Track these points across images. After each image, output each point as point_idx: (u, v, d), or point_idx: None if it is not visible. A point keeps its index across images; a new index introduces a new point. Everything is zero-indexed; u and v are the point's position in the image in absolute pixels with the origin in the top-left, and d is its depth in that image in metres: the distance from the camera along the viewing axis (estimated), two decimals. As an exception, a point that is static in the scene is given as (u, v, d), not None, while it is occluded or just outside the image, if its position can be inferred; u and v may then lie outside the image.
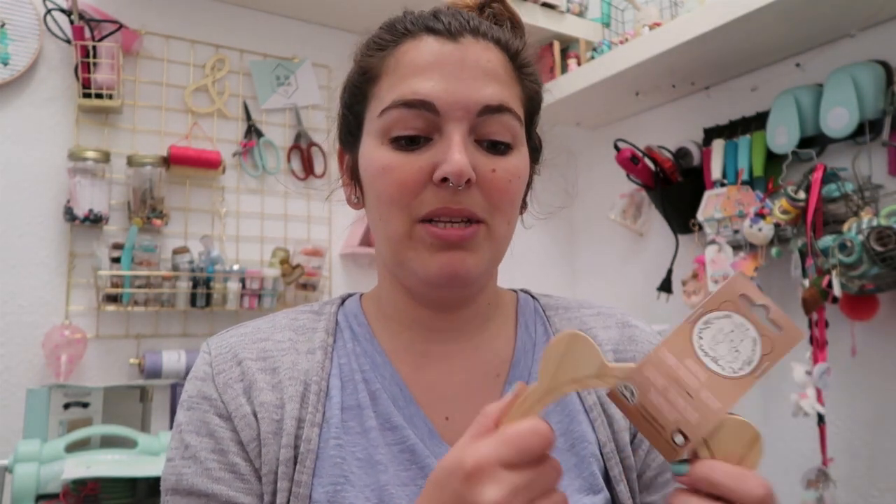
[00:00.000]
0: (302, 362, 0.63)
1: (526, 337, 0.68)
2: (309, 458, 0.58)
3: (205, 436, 0.61)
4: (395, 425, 0.60)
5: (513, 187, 0.61)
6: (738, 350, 0.43)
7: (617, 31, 1.96)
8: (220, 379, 0.62)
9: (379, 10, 0.65)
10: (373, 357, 0.64)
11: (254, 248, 1.83)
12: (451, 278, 0.59)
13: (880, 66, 1.40)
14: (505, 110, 0.60)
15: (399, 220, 0.59)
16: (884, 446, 1.42)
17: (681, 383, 0.42)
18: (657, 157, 1.81)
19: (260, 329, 0.66)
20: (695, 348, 0.43)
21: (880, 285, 1.31)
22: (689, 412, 0.42)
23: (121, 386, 1.56)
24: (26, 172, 1.57)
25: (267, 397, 0.61)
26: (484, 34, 0.62)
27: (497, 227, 0.60)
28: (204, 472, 0.59)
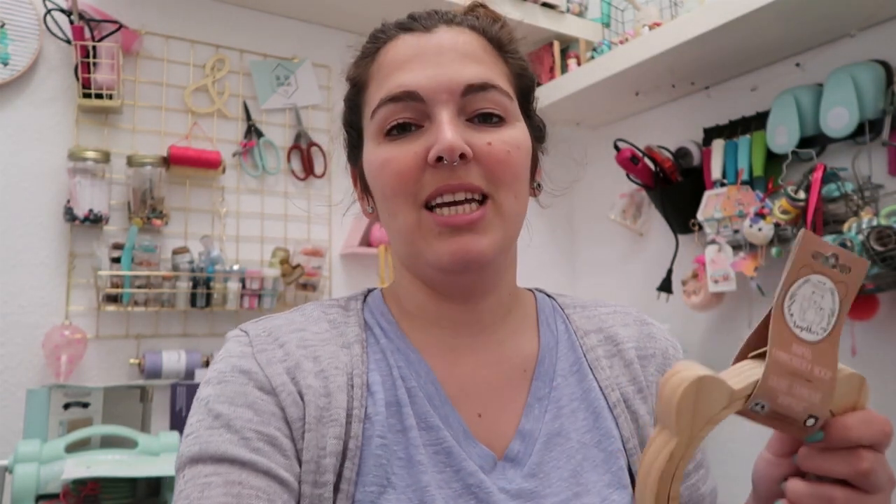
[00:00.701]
0: (341, 355, 0.60)
1: (549, 334, 0.68)
2: (357, 454, 0.56)
3: (241, 406, 0.55)
4: (432, 425, 0.59)
5: (513, 157, 0.60)
6: (822, 307, 0.44)
7: (617, 31, 1.96)
8: (263, 357, 0.58)
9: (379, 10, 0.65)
10: (406, 354, 0.63)
11: (254, 248, 1.83)
12: (465, 262, 0.58)
13: (880, 66, 1.40)
14: (490, 87, 0.60)
15: (405, 211, 0.59)
16: (884, 446, 1.42)
17: (798, 374, 0.43)
18: (657, 157, 1.81)
19: (294, 321, 0.63)
20: (793, 330, 0.44)
21: (880, 285, 1.31)
22: (812, 396, 0.43)
23: (121, 386, 1.56)
24: (26, 172, 1.57)
25: (313, 382, 0.57)
26: (458, 22, 0.63)
27: (504, 201, 0.59)
28: (240, 441, 0.54)
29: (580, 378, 0.65)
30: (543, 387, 0.64)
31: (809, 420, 0.44)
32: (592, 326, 0.69)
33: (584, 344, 0.67)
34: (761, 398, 0.43)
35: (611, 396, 0.64)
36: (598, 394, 0.64)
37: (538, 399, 0.63)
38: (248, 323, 0.64)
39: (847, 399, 0.45)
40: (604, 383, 0.65)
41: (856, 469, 0.44)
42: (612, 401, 0.64)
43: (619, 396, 0.64)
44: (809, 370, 0.43)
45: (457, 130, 0.57)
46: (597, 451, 0.61)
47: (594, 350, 0.67)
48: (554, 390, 0.64)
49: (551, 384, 0.64)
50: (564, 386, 0.64)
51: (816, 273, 0.44)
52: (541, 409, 0.62)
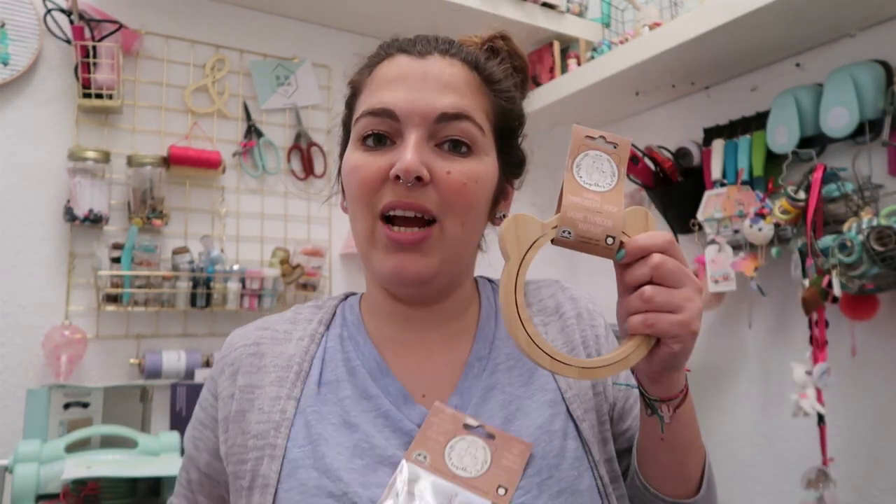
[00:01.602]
0: (290, 349, 0.71)
1: (489, 307, 0.74)
2: (284, 425, 0.65)
3: (202, 408, 0.73)
4: (371, 395, 0.67)
5: (468, 189, 0.64)
6: (604, 171, 0.58)
7: (617, 31, 1.96)
8: (220, 364, 0.73)
9: (379, 10, 0.65)
10: (357, 339, 0.71)
11: (254, 248, 1.83)
12: (402, 279, 0.65)
13: (880, 66, 1.40)
14: (463, 118, 0.64)
15: (363, 218, 0.66)
16: (884, 446, 1.42)
17: (590, 209, 0.57)
18: (657, 157, 1.81)
19: (267, 321, 0.75)
20: (582, 185, 0.58)
21: (880, 285, 1.31)
22: (605, 222, 0.57)
23: (121, 386, 1.56)
24: (26, 172, 1.57)
25: (246, 380, 0.69)
26: (453, 53, 0.68)
27: (449, 227, 0.64)
28: (191, 438, 0.73)
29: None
30: (483, 348, 0.71)
31: (608, 240, 0.57)
32: (526, 301, 0.75)
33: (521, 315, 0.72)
34: (566, 226, 0.57)
35: None
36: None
37: (478, 359, 0.70)
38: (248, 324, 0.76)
39: (637, 226, 0.58)
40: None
41: (651, 266, 0.55)
42: None
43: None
44: (599, 207, 0.57)
45: (419, 154, 0.62)
46: (530, 402, 0.67)
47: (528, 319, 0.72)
48: (493, 350, 0.71)
49: (490, 346, 0.71)
50: (502, 347, 0.71)
51: (591, 149, 0.59)
52: (479, 368, 0.69)
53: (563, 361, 0.57)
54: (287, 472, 0.62)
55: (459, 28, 0.77)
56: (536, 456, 0.63)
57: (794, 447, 1.57)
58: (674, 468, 0.65)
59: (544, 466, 0.63)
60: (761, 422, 1.66)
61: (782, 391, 1.59)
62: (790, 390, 1.43)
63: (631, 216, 0.58)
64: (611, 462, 0.69)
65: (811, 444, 1.45)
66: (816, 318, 1.41)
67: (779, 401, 1.62)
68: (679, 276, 0.56)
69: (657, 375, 0.60)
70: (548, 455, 0.64)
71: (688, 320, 0.55)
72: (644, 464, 0.67)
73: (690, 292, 0.56)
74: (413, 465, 0.61)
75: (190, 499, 0.73)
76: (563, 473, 0.63)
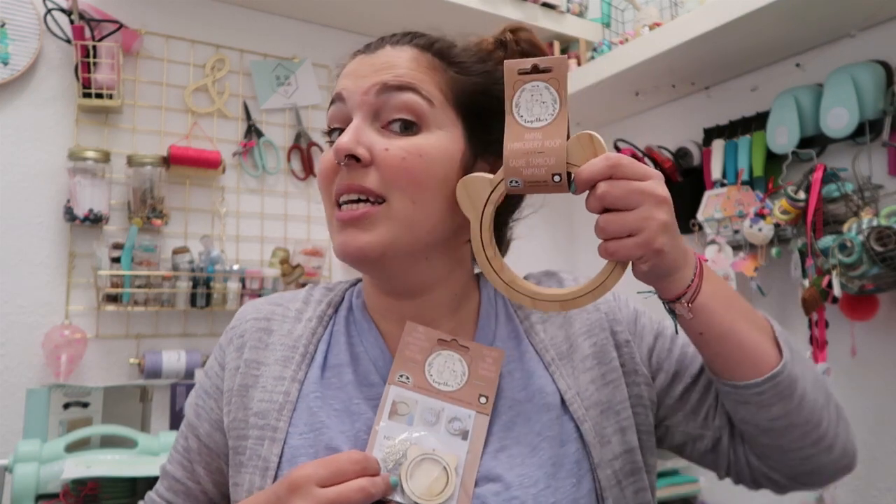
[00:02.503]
0: (297, 329, 0.71)
1: (489, 306, 0.73)
2: (287, 408, 0.65)
3: (207, 376, 0.74)
4: (372, 382, 0.67)
5: (407, 164, 0.62)
6: (545, 101, 0.57)
7: (617, 31, 1.96)
8: (230, 334, 0.74)
9: (379, 10, 0.65)
10: (361, 325, 0.72)
11: (254, 248, 1.83)
12: (347, 254, 0.64)
13: (880, 66, 1.40)
14: (406, 89, 0.63)
15: (327, 206, 0.67)
16: (884, 446, 1.42)
17: (531, 152, 0.56)
18: (657, 157, 1.81)
19: (281, 297, 0.76)
20: (523, 125, 0.57)
21: (880, 285, 1.31)
22: (549, 160, 0.56)
23: (121, 386, 1.56)
24: (26, 172, 1.57)
25: (253, 355, 0.70)
26: (405, 41, 0.68)
27: (397, 204, 0.63)
28: (193, 405, 0.73)
29: (516, 343, 0.71)
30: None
31: (555, 177, 0.56)
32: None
33: (519, 314, 0.73)
34: (511, 176, 0.57)
35: (545, 356, 0.69)
36: (533, 355, 0.70)
37: None
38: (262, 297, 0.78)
39: (585, 155, 0.56)
40: (538, 346, 0.70)
41: (597, 198, 0.54)
42: (546, 360, 0.69)
43: (554, 355, 0.70)
44: (541, 145, 0.56)
45: (354, 134, 0.62)
46: (529, 405, 0.66)
47: (528, 319, 0.73)
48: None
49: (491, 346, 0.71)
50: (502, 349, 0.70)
51: (527, 82, 0.57)
52: None
53: (544, 299, 0.58)
54: (287, 458, 0.63)
55: (460, 28, 0.76)
56: (535, 464, 0.62)
57: (793, 447, 1.57)
58: (733, 354, 0.63)
59: (542, 476, 0.62)
60: (761, 422, 1.66)
61: (782, 391, 1.59)
62: (790, 390, 1.43)
63: (575, 145, 0.56)
64: (631, 453, 0.67)
65: (811, 444, 1.45)
66: (816, 319, 1.41)
67: (779, 401, 1.62)
68: (629, 198, 0.54)
69: (654, 283, 0.60)
70: (545, 464, 0.62)
71: (646, 241, 0.54)
72: (708, 361, 0.65)
73: (646, 210, 0.54)
74: (398, 388, 0.63)
75: (187, 466, 0.73)
76: (559, 483, 0.62)
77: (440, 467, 0.59)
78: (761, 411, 0.63)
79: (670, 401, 0.71)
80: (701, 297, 0.60)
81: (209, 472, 0.72)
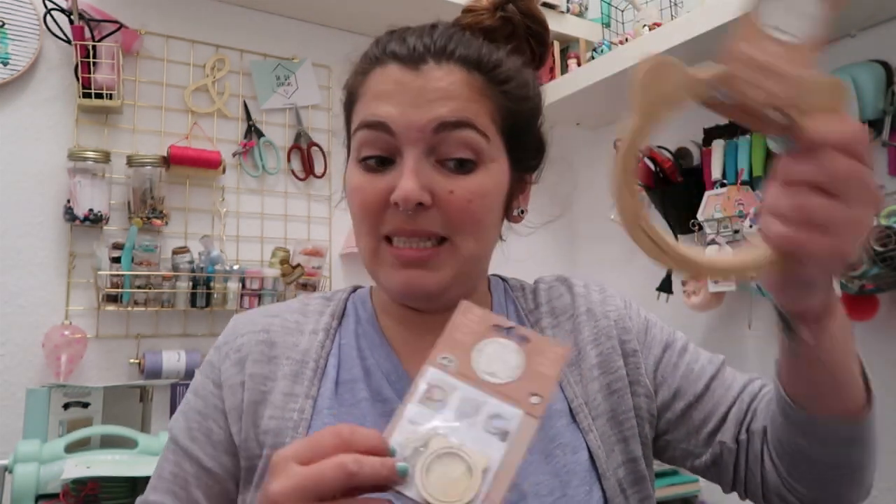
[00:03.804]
0: (303, 342, 0.68)
1: (499, 308, 0.72)
2: (301, 426, 0.63)
3: (199, 397, 0.68)
4: (385, 398, 0.64)
5: (473, 206, 0.61)
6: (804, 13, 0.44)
7: (617, 32, 1.96)
8: (224, 350, 0.69)
9: (379, 10, 0.65)
10: (372, 338, 0.69)
11: (254, 248, 1.83)
12: (413, 295, 0.63)
13: (880, 66, 1.40)
14: (464, 125, 0.60)
15: (367, 238, 0.64)
16: (884, 446, 1.41)
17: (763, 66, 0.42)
18: (657, 157, 1.81)
19: (273, 309, 0.72)
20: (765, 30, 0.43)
21: (880, 285, 1.31)
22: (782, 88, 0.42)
23: (121, 386, 1.56)
24: (26, 172, 1.57)
25: (257, 369, 0.66)
26: (449, 55, 0.62)
27: (462, 244, 0.62)
28: (187, 430, 0.67)
29: None
30: None
31: (773, 113, 0.43)
32: (534, 305, 0.74)
33: (530, 319, 0.72)
34: (723, 85, 0.44)
35: None
36: None
37: None
38: (244, 312, 0.74)
39: (824, 104, 0.43)
40: None
41: (820, 167, 0.42)
42: None
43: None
44: (778, 65, 0.42)
45: (417, 178, 0.59)
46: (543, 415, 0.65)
47: (539, 323, 0.71)
48: None
49: None
50: None
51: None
52: None
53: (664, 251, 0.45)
54: None
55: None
56: (549, 472, 0.61)
57: (793, 447, 1.57)
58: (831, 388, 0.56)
59: (557, 485, 0.61)
60: (761, 422, 1.66)
61: (782, 391, 1.59)
62: (790, 390, 1.43)
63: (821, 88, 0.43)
64: (634, 462, 0.66)
65: (811, 444, 1.45)
66: (816, 319, 1.41)
67: (779, 401, 1.62)
68: (855, 187, 0.42)
69: (787, 291, 0.49)
70: (560, 472, 0.61)
71: (844, 248, 0.43)
72: (795, 386, 0.57)
73: (863, 212, 0.42)
74: (437, 371, 0.53)
75: (180, 495, 0.66)
76: (573, 491, 0.61)
77: (464, 467, 0.50)
78: (830, 448, 0.58)
79: (671, 416, 0.69)
80: (831, 320, 0.51)
81: (209, 497, 0.66)
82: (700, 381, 0.69)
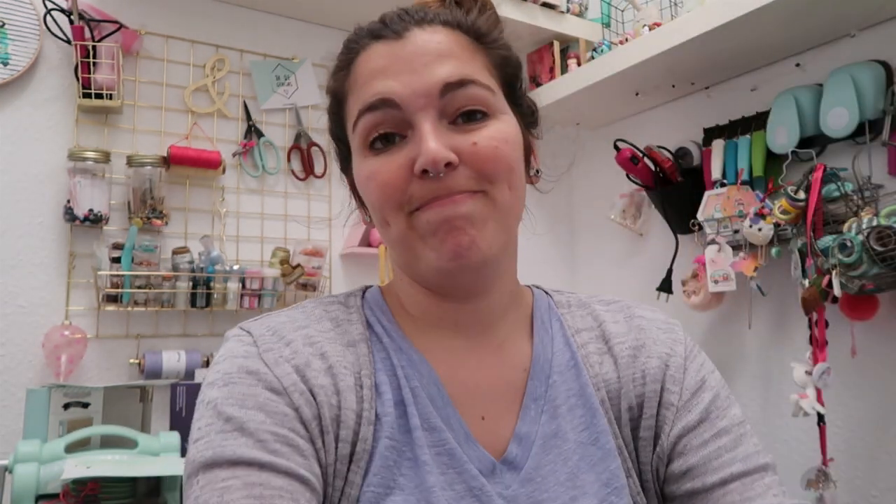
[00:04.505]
0: (348, 354, 0.60)
1: (543, 332, 0.68)
2: (364, 458, 0.56)
3: (252, 408, 0.54)
4: (435, 427, 0.59)
5: (501, 152, 0.58)
6: None
7: (617, 32, 1.96)
8: (270, 356, 0.57)
9: (379, 10, 0.65)
10: (409, 354, 0.62)
11: (254, 248, 1.83)
12: (464, 260, 0.57)
13: (880, 66, 1.40)
14: (468, 83, 0.58)
15: (396, 220, 0.59)
16: (884, 446, 1.42)
17: None
18: (657, 157, 1.81)
19: (296, 318, 0.62)
20: None
21: (880, 285, 1.31)
22: None
23: (121, 386, 1.55)
24: (26, 172, 1.57)
25: (323, 381, 0.57)
26: (430, 21, 0.61)
27: (498, 195, 0.59)
28: (256, 444, 0.52)
29: (576, 374, 0.65)
30: (539, 386, 0.64)
31: None
32: (585, 325, 0.69)
33: (577, 341, 0.67)
34: None
35: (598, 394, 0.64)
36: (592, 391, 0.64)
37: (534, 399, 0.63)
38: (247, 321, 0.62)
39: None
40: (595, 381, 0.64)
41: None
42: (599, 398, 0.64)
43: (605, 395, 0.64)
44: None
45: (440, 139, 0.56)
46: (594, 448, 0.61)
47: (586, 347, 0.67)
48: (550, 388, 0.64)
49: (547, 382, 0.64)
50: (561, 383, 0.64)
51: None
52: (537, 410, 0.63)
53: None
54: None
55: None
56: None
57: (793, 447, 1.57)
58: None
59: None
60: (761, 422, 1.66)
61: (782, 391, 1.59)
62: (790, 390, 1.43)
63: None
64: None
65: (811, 444, 1.45)
66: (816, 318, 1.41)
67: (779, 401, 1.62)
68: None
69: None
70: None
71: None
72: None
73: None
74: None
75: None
76: None
77: None
78: None
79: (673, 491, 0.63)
80: None
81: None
82: (719, 472, 0.61)
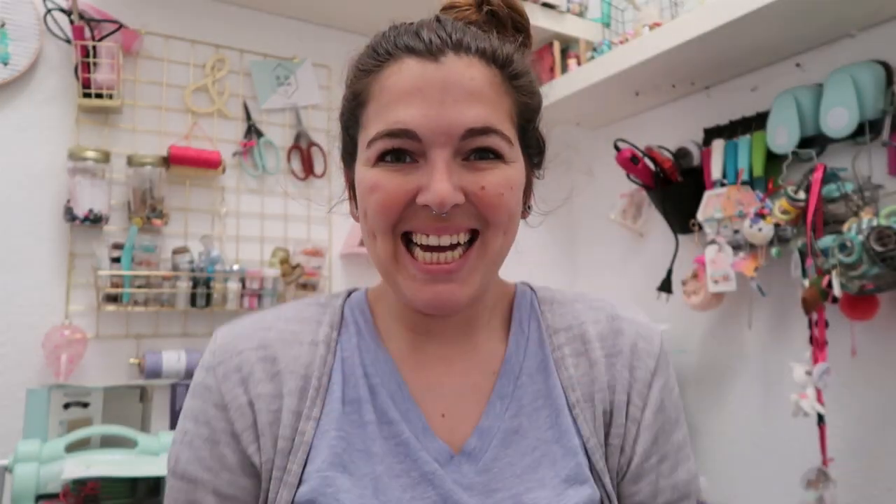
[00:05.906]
0: (304, 355, 0.65)
1: (519, 332, 0.69)
2: (302, 449, 0.61)
3: (201, 423, 0.64)
4: (391, 420, 0.63)
5: (505, 200, 0.60)
6: None
7: (617, 31, 1.96)
8: (220, 370, 0.65)
9: (379, 9, 0.65)
10: (375, 353, 0.66)
11: (254, 248, 1.83)
12: (441, 309, 0.61)
13: (880, 66, 1.40)
14: (491, 132, 0.59)
15: (383, 237, 0.61)
16: (884, 446, 1.42)
17: None
18: (657, 157, 1.81)
19: (265, 319, 0.69)
20: None
21: (880, 285, 1.31)
22: None
23: (121, 386, 1.56)
24: (26, 172, 1.57)
25: (264, 388, 0.63)
26: (467, 48, 0.60)
27: (492, 240, 0.61)
28: (196, 460, 0.63)
29: (546, 376, 0.67)
30: (507, 385, 0.66)
31: None
32: (564, 324, 0.70)
33: (553, 342, 0.68)
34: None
35: (571, 396, 0.65)
36: (560, 392, 0.66)
37: (501, 397, 0.65)
38: (225, 326, 0.69)
39: None
40: (566, 382, 0.66)
41: None
42: (571, 400, 0.65)
43: (580, 396, 0.66)
44: None
45: (450, 179, 0.57)
46: (556, 446, 0.63)
47: (561, 349, 0.68)
48: (518, 389, 0.66)
49: (516, 383, 0.66)
50: (529, 384, 0.66)
51: None
52: (502, 407, 0.65)
53: None
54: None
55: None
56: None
57: (793, 447, 1.57)
58: None
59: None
60: (761, 422, 1.66)
61: (782, 391, 1.59)
62: (790, 390, 1.43)
63: None
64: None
65: (811, 444, 1.45)
66: (816, 318, 1.41)
67: (779, 401, 1.62)
68: None
69: None
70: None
71: None
72: None
73: None
74: None
75: None
76: None
77: None
78: None
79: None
80: None
81: None
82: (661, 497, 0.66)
